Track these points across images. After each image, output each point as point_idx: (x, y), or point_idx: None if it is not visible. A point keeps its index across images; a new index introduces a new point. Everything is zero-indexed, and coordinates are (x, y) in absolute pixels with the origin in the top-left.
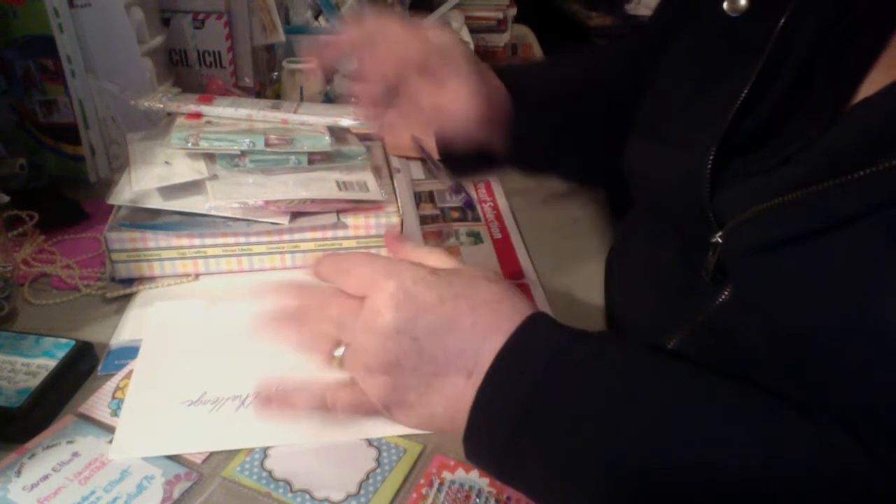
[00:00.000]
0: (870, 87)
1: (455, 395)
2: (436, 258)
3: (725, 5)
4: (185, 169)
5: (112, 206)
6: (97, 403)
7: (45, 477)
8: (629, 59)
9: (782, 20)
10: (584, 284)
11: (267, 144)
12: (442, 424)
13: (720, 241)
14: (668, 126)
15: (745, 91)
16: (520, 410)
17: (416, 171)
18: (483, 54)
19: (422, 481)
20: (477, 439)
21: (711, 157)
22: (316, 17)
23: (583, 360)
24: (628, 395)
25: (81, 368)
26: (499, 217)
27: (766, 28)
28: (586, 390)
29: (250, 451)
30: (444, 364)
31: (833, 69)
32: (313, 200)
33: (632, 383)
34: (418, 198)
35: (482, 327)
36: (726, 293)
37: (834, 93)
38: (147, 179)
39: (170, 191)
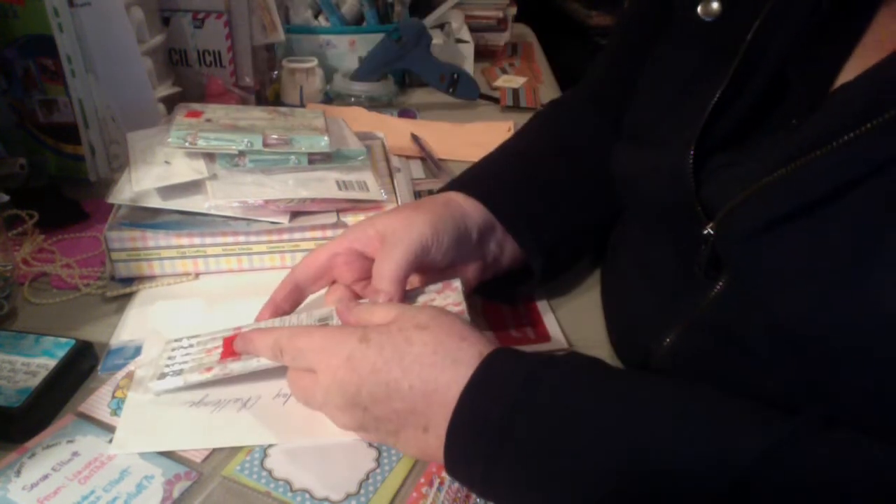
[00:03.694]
0: (845, 76)
1: (421, 444)
2: (380, 314)
3: (699, 9)
4: (184, 168)
5: (112, 206)
6: (97, 403)
7: (45, 476)
8: (595, 106)
9: (756, 24)
10: (584, 284)
11: (265, 144)
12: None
13: (711, 231)
14: (651, 129)
15: (720, 90)
16: (484, 464)
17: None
18: (483, 53)
19: (422, 480)
20: (456, 477)
21: (692, 154)
22: (316, 17)
23: (538, 409)
24: (596, 422)
25: (81, 368)
26: None
27: (740, 31)
28: (548, 436)
29: (250, 450)
30: (402, 422)
31: (807, 66)
32: (313, 200)
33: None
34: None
35: (420, 390)
36: (720, 286)
37: (810, 87)
38: (147, 179)
39: (169, 190)
